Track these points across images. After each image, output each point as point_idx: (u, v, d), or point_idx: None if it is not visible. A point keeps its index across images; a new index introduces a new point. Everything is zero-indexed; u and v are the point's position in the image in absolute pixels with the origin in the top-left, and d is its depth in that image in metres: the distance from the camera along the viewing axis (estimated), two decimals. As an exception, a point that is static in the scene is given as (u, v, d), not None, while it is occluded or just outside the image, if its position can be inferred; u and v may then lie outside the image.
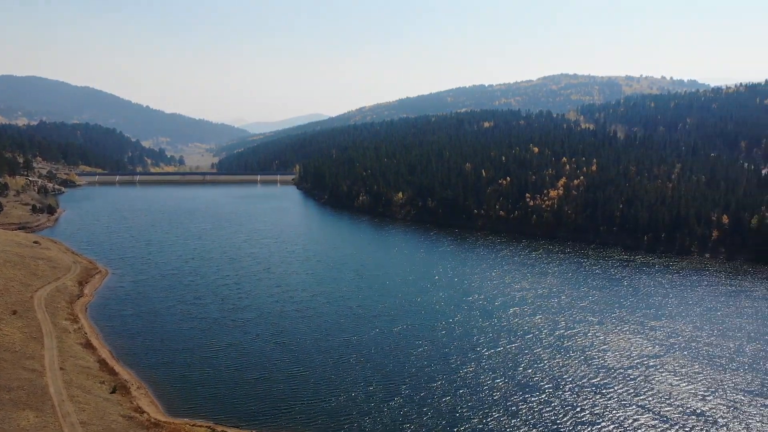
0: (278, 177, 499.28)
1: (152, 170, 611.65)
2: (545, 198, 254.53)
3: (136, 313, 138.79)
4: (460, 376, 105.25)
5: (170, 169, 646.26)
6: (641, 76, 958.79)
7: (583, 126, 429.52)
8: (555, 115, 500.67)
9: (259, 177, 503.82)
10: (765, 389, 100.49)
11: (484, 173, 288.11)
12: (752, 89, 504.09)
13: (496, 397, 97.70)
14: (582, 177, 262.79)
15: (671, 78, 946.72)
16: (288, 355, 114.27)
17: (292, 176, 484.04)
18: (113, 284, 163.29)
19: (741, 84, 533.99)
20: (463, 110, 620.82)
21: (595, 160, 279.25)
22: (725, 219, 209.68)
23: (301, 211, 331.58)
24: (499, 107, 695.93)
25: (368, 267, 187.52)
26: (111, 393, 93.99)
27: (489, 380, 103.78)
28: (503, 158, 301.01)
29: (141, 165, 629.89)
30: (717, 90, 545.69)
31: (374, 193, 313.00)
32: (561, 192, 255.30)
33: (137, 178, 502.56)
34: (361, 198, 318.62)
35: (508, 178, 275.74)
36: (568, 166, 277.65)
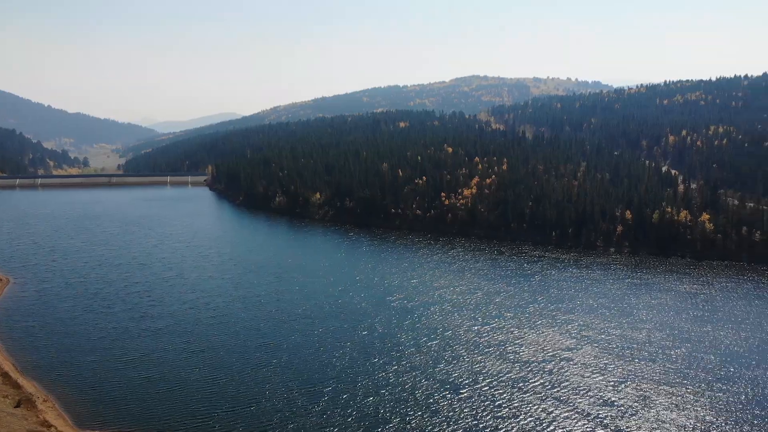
0: (189, 178, 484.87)
1: (55, 173, 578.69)
2: (460, 197, 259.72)
3: (40, 323, 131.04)
4: (383, 376, 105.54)
5: (74, 171, 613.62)
6: (548, 77, 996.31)
7: (494, 126, 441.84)
8: (467, 116, 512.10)
9: (168, 178, 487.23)
10: (672, 377, 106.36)
11: (400, 173, 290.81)
12: (652, 90, 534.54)
13: (419, 395, 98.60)
14: (494, 176, 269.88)
15: (576, 79, 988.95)
16: (204, 363, 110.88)
17: (204, 177, 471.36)
18: (15, 293, 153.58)
19: (642, 85, 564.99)
20: (379, 110, 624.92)
21: (505, 160, 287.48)
22: (628, 214, 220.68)
23: (215, 213, 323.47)
24: (414, 108, 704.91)
25: (287, 269, 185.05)
26: (15, 407, 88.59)
27: (411, 379, 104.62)
28: (419, 158, 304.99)
29: (43, 167, 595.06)
30: (619, 91, 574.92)
31: (291, 194, 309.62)
32: (474, 191, 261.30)
33: (39, 181, 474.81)
34: (277, 199, 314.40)
35: (424, 178, 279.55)
36: (480, 166, 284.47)
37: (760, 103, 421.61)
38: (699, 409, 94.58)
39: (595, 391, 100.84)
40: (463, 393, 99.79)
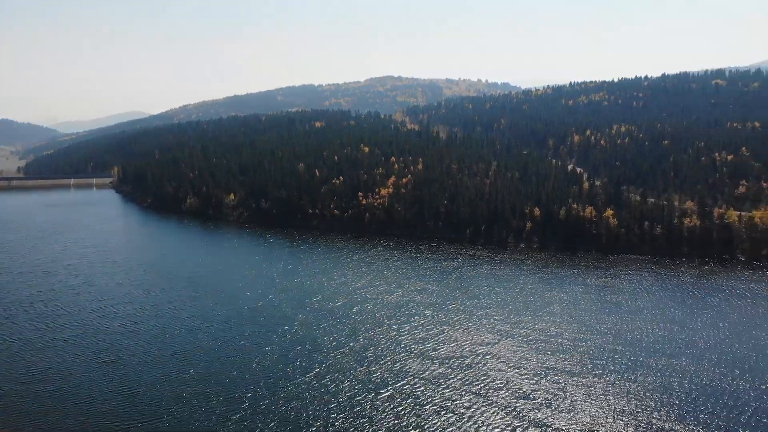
0: (94, 180, 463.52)
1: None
2: (377, 196, 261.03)
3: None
4: (304, 380, 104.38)
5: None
6: (460, 79, 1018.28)
7: (409, 126, 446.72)
8: (383, 116, 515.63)
9: (72, 181, 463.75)
10: (584, 368, 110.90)
11: (317, 173, 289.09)
12: (558, 91, 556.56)
13: (341, 397, 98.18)
14: (410, 176, 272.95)
15: (486, 81, 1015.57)
16: (116, 375, 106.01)
17: (111, 179, 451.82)
18: None
19: (548, 86, 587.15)
20: (294, 110, 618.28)
21: (421, 159, 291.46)
22: (537, 212, 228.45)
23: (122, 216, 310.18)
24: (330, 107, 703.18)
25: (201, 274, 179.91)
26: None
27: (333, 381, 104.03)
28: (336, 158, 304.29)
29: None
30: (527, 92, 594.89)
31: (203, 195, 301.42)
32: (391, 190, 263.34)
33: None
34: (189, 200, 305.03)
35: (341, 178, 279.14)
36: (396, 166, 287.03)
37: (659, 102, 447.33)
38: (611, 398, 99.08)
39: (513, 385, 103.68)
40: (385, 392, 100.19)
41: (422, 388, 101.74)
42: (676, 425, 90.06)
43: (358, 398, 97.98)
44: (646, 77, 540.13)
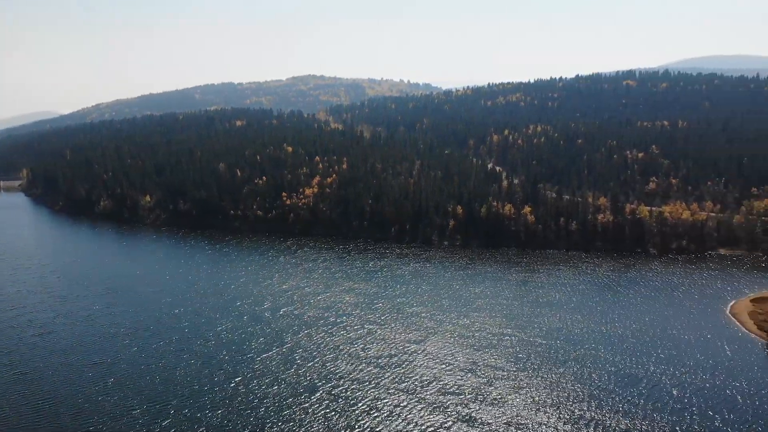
0: (2, 183, 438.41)
1: None
2: (301, 196, 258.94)
3: None
4: (232, 386, 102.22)
5: None
6: (382, 79, 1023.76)
7: (332, 126, 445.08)
8: (306, 115, 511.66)
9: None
10: (509, 362, 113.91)
11: (239, 173, 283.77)
12: (477, 92, 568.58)
13: (271, 402, 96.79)
14: (334, 175, 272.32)
15: (408, 81, 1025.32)
16: (29, 388, 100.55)
17: (19, 182, 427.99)
18: None
19: (468, 87, 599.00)
20: (213, 108, 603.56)
21: (345, 159, 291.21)
22: (460, 210, 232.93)
23: (32, 221, 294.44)
24: (251, 106, 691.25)
25: (118, 280, 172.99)
26: None
27: (263, 386, 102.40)
28: (258, 157, 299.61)
29: None
30: (448, 93, 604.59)
31: (118, 197, 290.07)
32: (316, 190, 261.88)
33: None
34: (102, 203, 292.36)
35: (264, 178, 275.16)
36: (321, 165, 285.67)
37: (573, 103, 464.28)
38: (534, 389, 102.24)
39: (441, 381, 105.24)
40: (315, 395, 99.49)
41: (352, 389, 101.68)
42: (597, 413, 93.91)
43: (287, 402, 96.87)
44: (560, 78, 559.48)
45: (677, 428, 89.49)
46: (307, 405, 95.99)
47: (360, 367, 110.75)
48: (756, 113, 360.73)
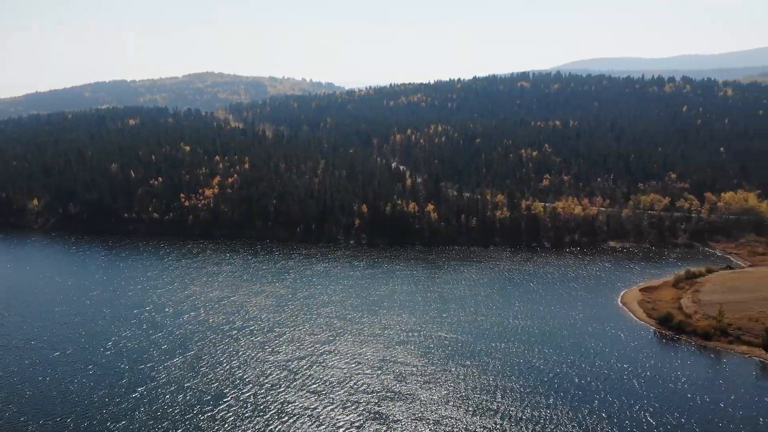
0: None
1: None
2: (201, 197, 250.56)
3: None
4: (134, 397, 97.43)
5: None
6: (284, 77, 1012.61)
7: (232, 125, 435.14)
8: (204, 114, 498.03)
9: None
10: (417, 357, 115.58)
11: (133, 173, 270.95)
12: (379, 92, 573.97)
13: (176, 412, 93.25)
14: (236, 175, 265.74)
15: (311, 80, 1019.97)
16: None
17: None
18: None
19: (370, 87, 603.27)
20: (105, 107, 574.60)
21: (247, 158, 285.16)
22: (365, 208, 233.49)
23: None
24: (145, 104, 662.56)
25: (6, 290, 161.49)
26: None
27: (167, 395, 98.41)
28: (153, 157, 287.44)
29: None
30: (351, 92, 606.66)
31: (2, 201, 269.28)
32: (217, 190, 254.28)
33: None
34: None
35: (161, 179, 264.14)
36: (221, 165, 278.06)
37: (471, 104, 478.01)
38: (442, 383, 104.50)
39: (352, 380, 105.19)
40: (224, 401, 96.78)
41: (262, 394, 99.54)
42: (503, 403, 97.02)
43: (194, 411, 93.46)
44: (459, 80, 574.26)
45: (579, 414, 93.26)
46: (214, 413, 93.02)
47: (269, 371, 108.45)
48: (641, 112, 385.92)
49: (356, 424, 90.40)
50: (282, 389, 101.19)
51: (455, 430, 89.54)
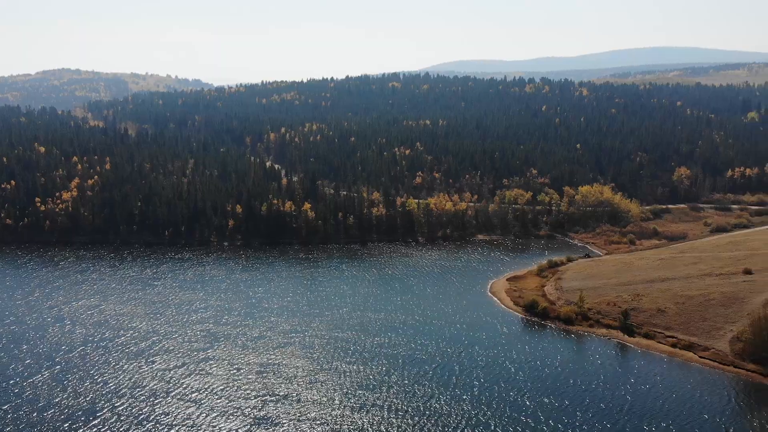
0: None
1: None
2: (59, 201, 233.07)
3: None
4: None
5: None
6: (147, 73, 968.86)
7: (92, 123, 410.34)
8: (60, 112, 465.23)
9: None
10: (300, 359, 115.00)
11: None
12: (251, 89, 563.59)
13: (44, 429, 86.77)
14: (96, 177, 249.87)
15: (177, 77, 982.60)
16: None
17: None
18: None
19: (241, 84, 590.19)
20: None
21: (108, 159, 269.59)
22: (239, 208, 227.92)
23: None
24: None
25: None
26: None
27: (34, 412, 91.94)
28: (4, 159, 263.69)
29: None
30: (220, 90, 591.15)
31: None
32: (76, 193, 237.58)
33: None
34: None
35: (13, 182, 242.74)
36: (80, 166, 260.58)
37: (344, 103, 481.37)
38: (324, 383, 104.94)
39: (233, 386, 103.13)
40: (98, 415, 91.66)
41: (139, 406, 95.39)
42: (386, 397, 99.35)
43: (63, 428, 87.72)
44: (332, 79, 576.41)
45: (461, 402, 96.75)
46: (87, 428, 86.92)
47: (145, 382, 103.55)
48: (504, 112, 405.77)
49: (240, 430, 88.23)
50: (159, 400, 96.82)
51: (341, 427, 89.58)
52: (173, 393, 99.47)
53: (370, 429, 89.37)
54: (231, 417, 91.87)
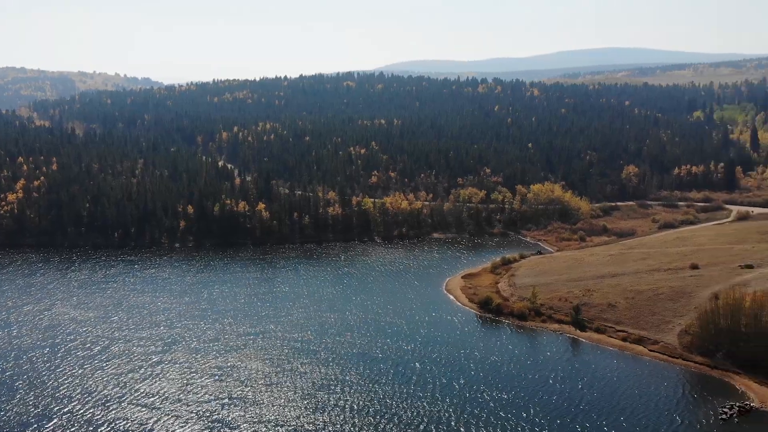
0: None
1: None
2: (3, 203, 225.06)
3: None
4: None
5: None
6: (95, 72, 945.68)
7: (37, 123, 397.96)
8: (4, 112, 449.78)
9: None
10: (258, 361, 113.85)
11: None
12: (202, 88, 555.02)
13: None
14: (43, 177, 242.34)
15: (125, 75, 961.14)
16: None
17: None
18: None
19: (192, 83, 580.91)
20: None
21: (55, 159, 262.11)
22: (191, 209, 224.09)
23: None
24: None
25: None
26: None
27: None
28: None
29: None
30: (171, 88, 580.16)
31: None
32: (21, 195, 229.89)
33: None
34: None
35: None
36: (26, 167, 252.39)
37: (299, 101, 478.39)
38: (283, 384, 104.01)
39: (190, 390, 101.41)
40: (51, 422, 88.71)
41: (92, 412, 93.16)
42: (345, 396, 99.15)
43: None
44: (285, 77, 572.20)
45: (422, 400, 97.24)
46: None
47: (97, 388, 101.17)
48: (458, 111, 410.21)
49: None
50: (113, 405, 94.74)
51: (300, 429, 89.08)
52: (127, 398, 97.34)
53: (329, 429, 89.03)
54: (187, 421, 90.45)
